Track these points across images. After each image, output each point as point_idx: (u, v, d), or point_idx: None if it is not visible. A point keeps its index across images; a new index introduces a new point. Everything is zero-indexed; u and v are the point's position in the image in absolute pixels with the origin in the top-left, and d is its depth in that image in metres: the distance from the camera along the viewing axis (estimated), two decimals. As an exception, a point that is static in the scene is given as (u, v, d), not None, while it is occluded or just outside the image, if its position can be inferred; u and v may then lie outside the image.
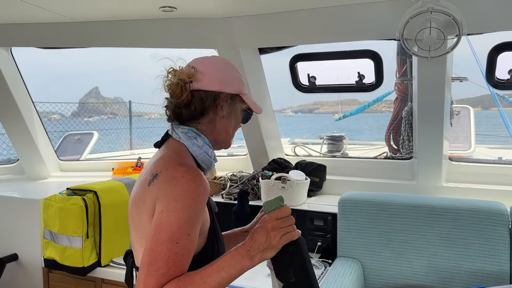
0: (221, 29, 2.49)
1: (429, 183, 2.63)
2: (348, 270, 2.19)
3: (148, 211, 1.20)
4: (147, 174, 1.26)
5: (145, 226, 1.20)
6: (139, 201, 1.24)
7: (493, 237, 2.11)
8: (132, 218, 1.26)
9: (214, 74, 1.33)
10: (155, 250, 1.12)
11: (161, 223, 1.14)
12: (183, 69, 1.33)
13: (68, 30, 2.68)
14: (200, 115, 1.33)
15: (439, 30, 1.87)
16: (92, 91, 76.88)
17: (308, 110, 64.39)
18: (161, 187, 1.19)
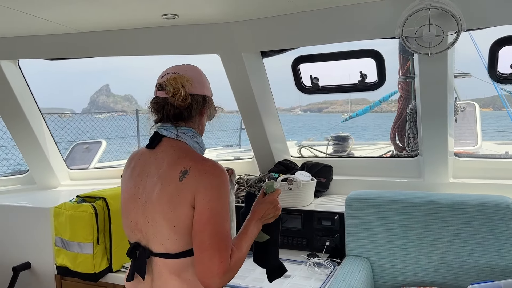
0: (223, 35, 2.52)
1: (435, 180, 2.63)
2: (357, 268, 2.20)
3: (185, 202, 1.38)
4: (169, 171, 1.42)
5: (180, 216, 1.39)
6: (172, 196, 1.39)
7: (502, 231, 2.11)
8: (163, 211, 1.40)
9: (200, 80, 1.54)
10: (218, 232, 1.36)
11: (214, 209, 1.37)
12: (181, 76, 1.49)
13: (73, 41, 2.73)
14: (195, 115, 1.54)
15: (438, 27, 1.88)
16: (103, 89, 77.41)
17: (317, 109, 64.50)
18: (198, 180, 1.39)
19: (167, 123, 1.52)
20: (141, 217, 1.47)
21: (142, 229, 1.47)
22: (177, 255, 1.42)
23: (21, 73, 3.08)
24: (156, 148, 1.51)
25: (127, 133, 9.71)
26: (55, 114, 8.34)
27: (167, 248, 1.42)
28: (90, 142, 4.86)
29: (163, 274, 1.44)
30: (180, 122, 1.52)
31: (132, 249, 1.50)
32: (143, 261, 1.46)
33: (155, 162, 1.48)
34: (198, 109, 1.53)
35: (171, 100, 1.46)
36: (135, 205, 1.49)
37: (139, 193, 1.48)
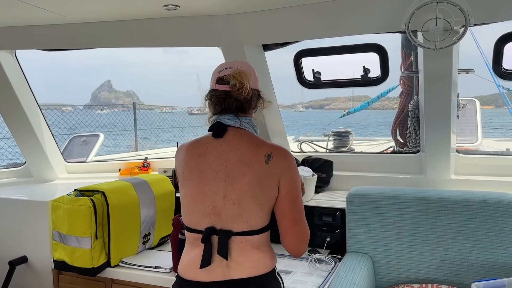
0: (225, 27, 2.48)
1: (437, 176, 2.62)
2: (358, 265, 2.18)
3: (273, 183, 1.56)
4: (253, 155, 1.57)
5: (267, 195, 1.56)
6: (261, 177, 1.55)
7: (504, 229, 2.10)
8: (253, 191, 1.54)
9: (255, 76, 1.68)
10: (301, 211, 1.62)
11: (297, 188, 1.61)
12: (244, 72, 1.61)
13: (71, 32, 2.68)
14: (253, 107, 1.68)
15: (445, 21, 1.85)
16: (105, 84, 77.15)
17: (318, 106, 64.79)
18: (282, 163, 1.58)
19: (227, 114, 1.63)
20: (221, 200, 1.55)
21: (220, 212, 1.55)
22: (258, 231, 1.57)
23: (18, 64, 3.03)
24: (225, 136, 1.61)
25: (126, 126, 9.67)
26: (55, 110, 8.29)
27: (251, 225, 1.55)
28: (88, 135, 4.81)
29: (245, 250, 1.55)
30: (239, 114, 1.64)
31: (207, 234, 1.55)
32: (225, 242, 1.54)
33: (229, 148, 1.59)
34: (256, 102, 1.67)
35: (236, 94, 1.58)
36: (215, 189, 1.57)
37: (219, 177, 1.57)
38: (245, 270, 1.53)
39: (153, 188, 2.56)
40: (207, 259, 1.54)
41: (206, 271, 1.55)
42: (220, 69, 1.66)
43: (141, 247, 2.47)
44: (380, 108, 11.10)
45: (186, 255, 1.63)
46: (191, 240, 1.61)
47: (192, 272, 1.57)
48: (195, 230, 1.59)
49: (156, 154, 4.68)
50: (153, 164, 3.47)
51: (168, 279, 2.15)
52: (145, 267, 2.26)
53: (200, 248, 1.56)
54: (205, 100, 1.68)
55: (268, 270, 1.58)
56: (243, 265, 1.54)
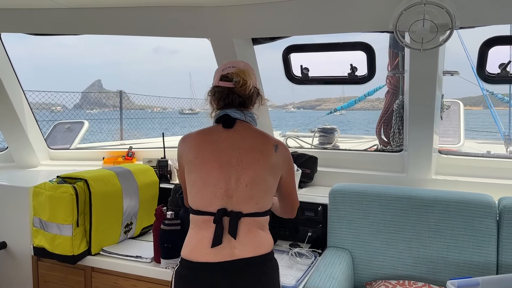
0: (215, 18, 2.47)
1: (419, 176, 2.66)
2: (338, 260, 2.21)
3: (279, 169, 1.78)
4: (265, 145, 1.75)
5: (274, 180, 1.77)
6: (271, 163, 1.74)
7: (481, 229, 2.15)
8: (264, 175, 1.72)
9: (255, 75, 1.82)
10: (296, 192, 1.94)
11: (293, 179, 1.90)
12: (246, 70, 1.76)
13: (59, 16, 2.64)
14: (254, 103, 1.84)
15: (432, 23, 1.88)
16: (95, 84, 76.06)
17: (310, 107, 65.32)
18: (284, 154, 1.80)
19: (231, 108, 1.77)
20: (234, 183, 1.68)
21: (232, 195, 1.68)
22: (264, 213, 1.73)
23: (3, 46, 2.98)
24: (234, 127, 1.76)
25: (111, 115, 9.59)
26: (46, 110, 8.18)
27: (260, 207, 1.71)
28: (72, 122, 4.76)
29: (252, 230, 1.68)
30: (241, 108, 1.79)
31: (220, 215, 1.65)
32: (235, 222, 1.65)
33: (240, 137, 1.75)
34: (255, 98, 1.83)
35: (239, 90, 1.73)
36: (228, 173, 1.69)
37: (233, 163, 1.70)
38: (250, 249, 1.65)
39: (136, 177, 2.55)
40: (218, 239, 1.63)
41: (215, 251, 1.63)
42: (223, 67, 1.80)
43: (122, 236, 2.47)
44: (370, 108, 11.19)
45: (193, 238, 1.70)
46: (199, 223, 1.69)
47: (201, 254, 1.64)
48: (205, 213, 1.68)
49: (142, 144, 4.66)
50: (138, 154, 3.46)
51: (149, 268, 2.15)
52: (126, 256, 2.25)
53: (209, 230, 1.65)
54: (208, 96, 1.82)
55: (270, 250, 1.72)
56: (248, 245, 1.66)
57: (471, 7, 2.02)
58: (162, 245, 2.10)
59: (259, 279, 1.66)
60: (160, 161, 3.04)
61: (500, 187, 2.51)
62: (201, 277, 1.63)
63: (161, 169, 3.02)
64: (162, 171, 3.02)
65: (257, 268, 1.66)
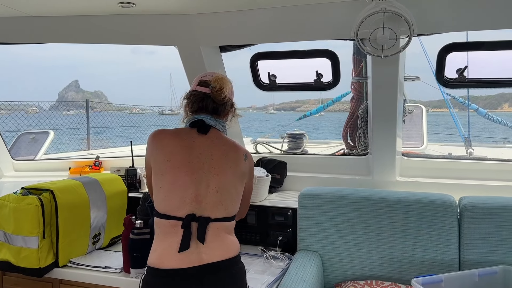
0: (182, 26, 2.49)
1: (383, 178, 2.74)
2: (308, 262, 2.25)
3: (246, 176, 1.87)
4: (236, 154, 1.82)
5: (242, 186, 1.85)
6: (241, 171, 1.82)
7: (443, 228, 2.23)
8: (234, 182, 1.79)
9: (232, 88, 1.89)
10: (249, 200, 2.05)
11: (251, 186, 2.01)
12: (225, 78, 1.85)
13: (23, 25, 2.60)
14: (226, 113, 1.90)
15: (391, 30, 1.96)
16: (72, 85, 73.79)
17: (290, 108, 65.88)
18: (251, 164, 1.91)
19: (204, 114, 1.82)
20: (204, 189, 1.71)
21: (202, 200, 1.70)
22: (232, 218, 1.78)
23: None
24: (208, 134, 1.80)
25: (77, 125, 9.39)
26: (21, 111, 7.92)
27: (229, 212, 1.76)
28: (37, 132, 4.64)
29: (220, 234, 1.71)
30: (214, 115, 1.84)
31: (188, 220, 1.67)
32: (204, 227, 1.67)
33: (213, 145, 1.79)
34: (228, 109, 1.89)
35: (214, 95, 1.79)
36: (199, 179, 1.72)
37: (204, 168, 1.73)
38: (217, 254, 1.68)
39: (104, 187, 2.51)
40: (186, 244, 1.64)
41: (182, 257, 1.63)
42: (203, 75, 1.89)
43: (91, 247, 2.43)
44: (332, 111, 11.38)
45: (160, 245, 1.69)
46: (166, 227, 1.69)
47: (169, 260, 1.64)
48: (172, 217, 1.68)
49: (109, 153, 4.59)
50: (105, 163, 3.41)
51: (118, 279, 2.12)
52: (95, 267, 2.22)
53: (176, 235, 1.65)
54: (184, 99, 1.88)
55: (237, 253, 1.75)
56: (216, 249, 1.68)
57: (428, 15, 2.12)
58: (131, 255, 2.09)
59: (227, 283, 1.68)
60: (128, 170, 3.01)
61: (460, 187, 2.62)
62: (169, 284, 1.63)
63: (130, 178, 2.99)
64: (131, 180, 2.99)
65: (225, 271, 1.68)
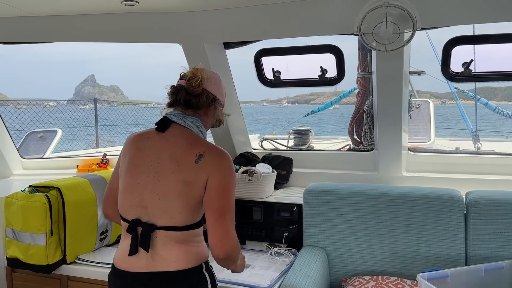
0: (186, 24, 2.49)
1: (389, 173, 2.73)
2: (313, 258, 2.25)
3: (200, 182, 1.58)
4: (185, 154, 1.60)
5: (194, 193, 1.59)
6: (188, 176, 1.58)
7: (450, 223, 2.22)
8: (178, 189, 1.58)
9: (217, 82, 1.78)
10: (229, 205, 1.61)
11: (227, 185, 1.61)
12: (202, 69, 1.72)
13: (28, 25, 2.62)
14: (202, 107, 1.71)
15: (394, 24, 1.94)
16: (88, 79, 74.37)
17: (304, 101, 65.41)
18: (213, 162, 1.61)
19: (178, 110, 1.71)
20: (148, 195, 1.61)
21: (147, 205, 1.61)
22: (183, 228, 1.60)
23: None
24: (166, 132, 1.67)
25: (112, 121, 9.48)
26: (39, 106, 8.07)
27: (175, 221, 1.59)
28: (45, 131, 4.68)
29: (168, 244, 1.60)
30: (188, 111, 1.70)
31: (133, 225, 1.62)
32: (148, 235, 1.59)
33: (166, 145, 1.64)
34: (206, 103, 1.72)
35: (187, 85, 1.67)
36: (143, 183, 1.62)
37: (150, 172, 1.62)
38: (169, 264, 1.59)
39: (111, 184, 2.54)
40: (133, 249, 1.61)
41: (132, 261, 1.62)
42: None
43: (98, 244, 2.45)
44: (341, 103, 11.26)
45: (120, 244, 1.71)
46: (124, 228, 1.69)
47: (121, 261, 1.66)
48: (125, 219, 1.67)
49: (117, 150, 4.62)
50: (112, 161, 3.43)
51: (125, 275, 2.14)
52: (102, 264, 2.24)
53: (129, 238, 1.63)
54: (167, 94, 1.78)
55: (193, 265, 1.62)
56: (166, 258, 1.59)
57: (432, 8, 2.10)
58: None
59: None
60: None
61: (467, 181, 2.60)
62: (119, 284, 1.66)
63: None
64: (138, 177, 3.00)
65: (175, 283, 1.60)
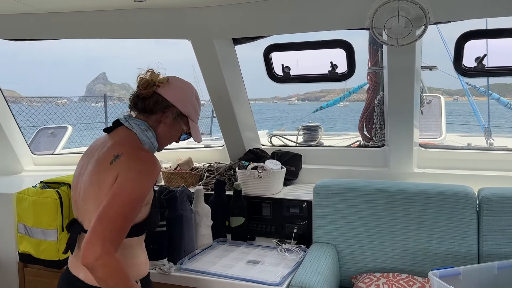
0: (195, 20, 2.48)
1: (400, 170, 2.70)
2: (323, 255, 2.24)
3: (109, 183, 1.46)
4: (106, 154, 1.53)
5: (104, 196, 1.45)
6: (100, 177, 1.49)
7: (462, 220, 2.19)
8: (93, 191, 1.51)
9: (177, 91, 1.67)
10: (115, 212, 1.41)
11: (125, 190, 1.44)
12: (159, 74, 1.67)
13: (37, 21, 2.63)
14: (150, 112, 1.64)
15: (406, 19, 1.92)
16: (100, 77, 74.89)
17: (314, 98, 64.89)
18: (125, 164, 1.48)
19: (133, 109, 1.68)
20: (78, 196, 1.60)
21: (78, 207, 1.61)
22: None
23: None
24: (111, 133, 1.65)
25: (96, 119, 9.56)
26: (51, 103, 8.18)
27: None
28: (55, 127, 4.72)
29: None
30: (141, 115, 1.66)
31: (68, 224, 1.63)
32: (74, 236, 1.59)
33: (100, 146, 1.60)
34: (157, 108, 1.64)
35: (136, 86, 1.65)
36: (76, 183, 1.63)
37: (81, 174, 1.60)
38: (81, 271, 1.53)
39: (121, 180, 2.55)
40: (66, 248, 1.62)
41: (72, 260, 1.63)
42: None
43: (109, 239, 2.46)
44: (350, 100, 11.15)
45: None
46: None
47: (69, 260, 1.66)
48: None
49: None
50: (123, 157, 3.44)
51: (136, 270, 2.15)
52: (113, 259, 2.25)
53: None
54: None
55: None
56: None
57: (445, 2, 2.06)
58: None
59: None
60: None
61: (479, 178, 2.57)
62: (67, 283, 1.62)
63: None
64: (148, 173, 3.01)
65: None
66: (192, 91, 1.73)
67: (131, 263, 1.58)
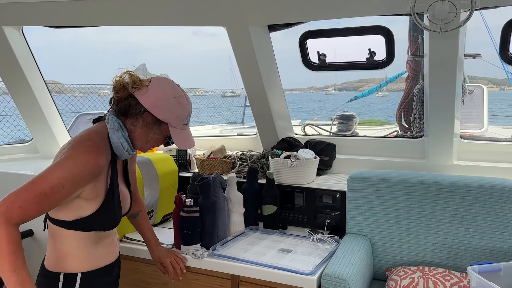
0: (230, 6, 2.47)
1: (439, 161, 2.62)
2: (357, 246, 2.21)
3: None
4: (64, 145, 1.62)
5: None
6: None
7: (503, 214, 2.11)
8: None
9: (154, 96, 1.61)
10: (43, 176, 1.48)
11: (47, 169, 1.49)
12: (139, 77, 1.63)
13: (79, 9, 2.68)
14: (123, 115, 1.64)
15: (451, 3, 1.83)
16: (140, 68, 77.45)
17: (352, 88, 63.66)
18: (66, 149, 1.54)
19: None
20: None
21: None
22: (54, 221, 1.65)
23: (25, 40, 3.04)
24: (94, 124, 1.72)
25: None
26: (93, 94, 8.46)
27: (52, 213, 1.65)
28: (94, 113, 4.85)
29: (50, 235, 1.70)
30: (121, 117, 1.65)
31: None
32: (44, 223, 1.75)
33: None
34: (130, 113, 1.62)
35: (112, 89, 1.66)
36: None
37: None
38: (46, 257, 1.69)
39: (156, 166, 2.59)
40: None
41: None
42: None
43: (143, 223, 2.51)
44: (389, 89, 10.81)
45: None
46: None
47: None
48: None
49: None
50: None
51: (169, 255, 2.18)
52: (147, 243, 2.30)
53: None
54: None
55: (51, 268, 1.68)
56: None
57: (492, -14, 1.97)
58: (182, 232, 2.14)
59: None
60: (179, 150, 3.07)
61: None
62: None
63: (181, 158, 3.06)
64: (182, 160, 3.06)
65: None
66: (174, 95, 1.64)
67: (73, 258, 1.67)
